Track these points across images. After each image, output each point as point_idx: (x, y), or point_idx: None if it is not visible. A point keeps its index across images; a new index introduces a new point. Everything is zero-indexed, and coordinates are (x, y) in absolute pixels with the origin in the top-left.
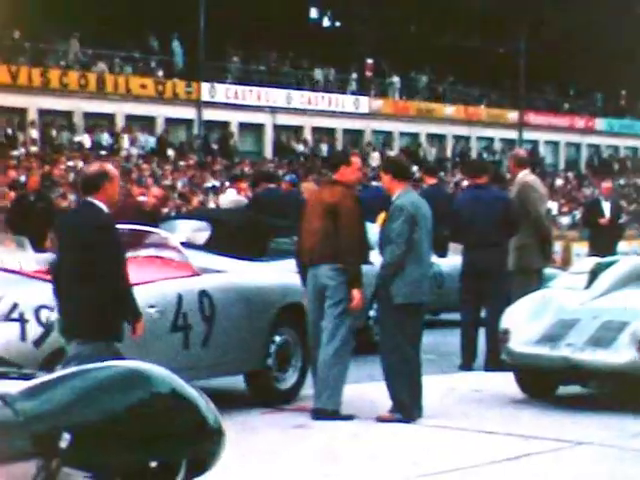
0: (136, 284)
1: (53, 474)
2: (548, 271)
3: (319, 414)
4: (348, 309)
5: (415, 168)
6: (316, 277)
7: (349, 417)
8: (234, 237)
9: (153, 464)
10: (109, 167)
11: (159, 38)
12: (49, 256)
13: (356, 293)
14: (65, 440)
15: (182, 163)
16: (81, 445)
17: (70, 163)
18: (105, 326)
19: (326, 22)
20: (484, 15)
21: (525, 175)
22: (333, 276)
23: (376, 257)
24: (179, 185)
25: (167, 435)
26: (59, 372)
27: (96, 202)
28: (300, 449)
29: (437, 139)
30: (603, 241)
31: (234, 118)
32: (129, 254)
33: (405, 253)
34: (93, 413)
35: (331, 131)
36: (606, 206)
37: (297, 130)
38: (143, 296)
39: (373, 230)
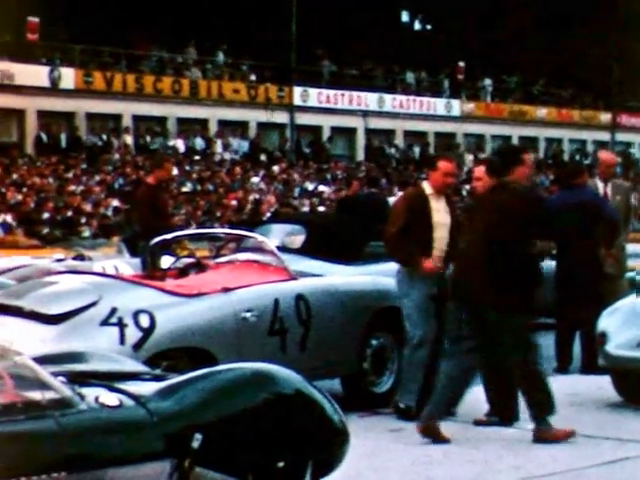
0: (234, 288)
1: (186, 474)
2: None
3: None
4: None
5: None
6: None
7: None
8: (329, 241)
9: (280, 464)
10: None
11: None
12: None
13: None
14: (197, 440)
15: (275, 168)
16: (212, 445)
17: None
18: None
19: (417, 25)
20: (577, 17)
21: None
22: None
23: None
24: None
25: (294, 435)
26: (190, 373)
27: None
28: (398, 452)
29: (529, 141)
30: None
31: (326, 122)
32: (227, 258)
33: None
34: (223, 413)
35: (423, 134)
36: None
37: (389, 134)
38: (241, 300)
39: None
